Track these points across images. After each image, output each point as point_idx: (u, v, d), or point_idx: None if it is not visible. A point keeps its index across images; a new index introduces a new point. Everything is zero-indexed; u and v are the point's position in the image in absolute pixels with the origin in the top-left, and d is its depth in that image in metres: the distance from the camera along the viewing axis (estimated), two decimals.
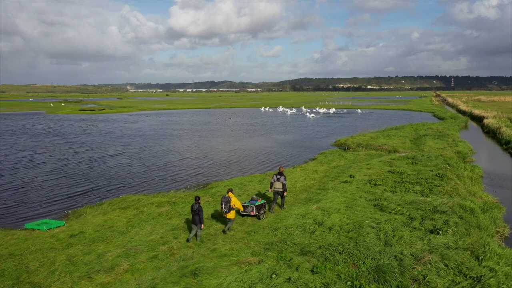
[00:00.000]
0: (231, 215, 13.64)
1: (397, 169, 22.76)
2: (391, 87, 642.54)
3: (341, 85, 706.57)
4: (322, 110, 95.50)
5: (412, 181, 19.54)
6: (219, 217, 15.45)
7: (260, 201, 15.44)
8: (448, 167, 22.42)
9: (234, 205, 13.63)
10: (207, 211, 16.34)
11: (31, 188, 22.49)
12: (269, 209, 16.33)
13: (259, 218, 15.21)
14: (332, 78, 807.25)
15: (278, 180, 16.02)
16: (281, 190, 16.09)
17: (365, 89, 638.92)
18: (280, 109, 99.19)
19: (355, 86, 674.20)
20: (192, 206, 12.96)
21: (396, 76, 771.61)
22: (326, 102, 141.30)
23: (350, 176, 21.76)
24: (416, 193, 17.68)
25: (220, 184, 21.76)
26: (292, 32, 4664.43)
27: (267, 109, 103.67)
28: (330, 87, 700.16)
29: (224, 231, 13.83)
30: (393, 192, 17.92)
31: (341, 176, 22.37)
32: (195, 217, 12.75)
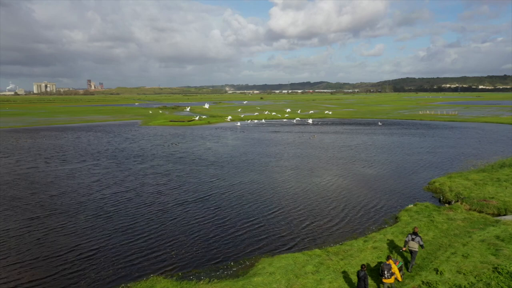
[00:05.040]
0: (391, 280, 15.18)
1: (506, 265, 16.61)
2: (508, 86, 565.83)
3: (448, 85, 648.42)
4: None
5: None
6: None
7: (399, 264, 16.34)
8: None
9: (394, 271, 15.09)
10: None
11: (82, 262, 20.31)
12: (407, 269, 17.42)
13: (399, 280, 16.07)
14: (437, 77, 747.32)
15: (413, 239, 17.14)
16: (416, 249, 17.09)
17: (476, 89, 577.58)
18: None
19: (464, 86, 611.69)
20: (358, 273, 14.67)
21: None
22: (427, 111, 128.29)
23: (436, 271, 16.41)
24: None
25: (267, 267, 17.92)
26: (396, 29, 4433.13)
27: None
28: (435, 87, 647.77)
29: None
30: None
31: (425, 267, 17.09)
32: (361, 283, 14.39)
